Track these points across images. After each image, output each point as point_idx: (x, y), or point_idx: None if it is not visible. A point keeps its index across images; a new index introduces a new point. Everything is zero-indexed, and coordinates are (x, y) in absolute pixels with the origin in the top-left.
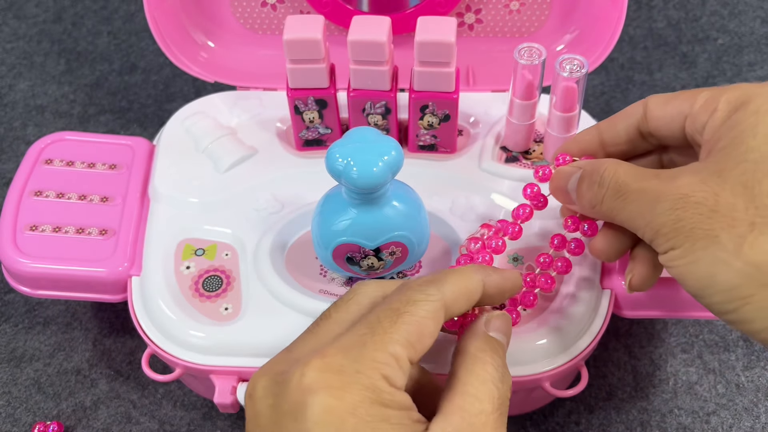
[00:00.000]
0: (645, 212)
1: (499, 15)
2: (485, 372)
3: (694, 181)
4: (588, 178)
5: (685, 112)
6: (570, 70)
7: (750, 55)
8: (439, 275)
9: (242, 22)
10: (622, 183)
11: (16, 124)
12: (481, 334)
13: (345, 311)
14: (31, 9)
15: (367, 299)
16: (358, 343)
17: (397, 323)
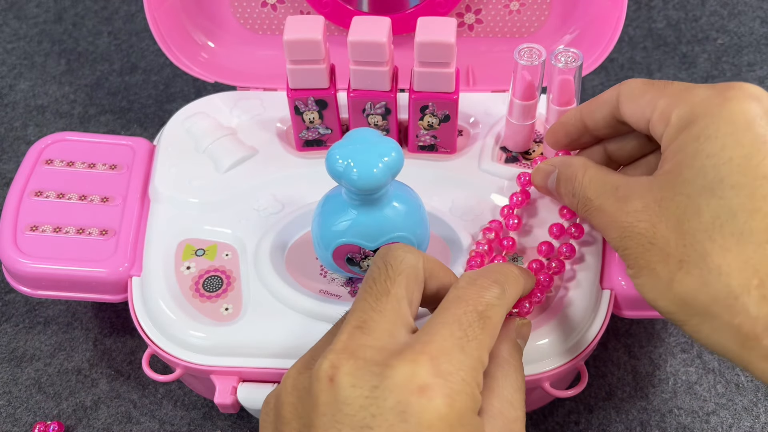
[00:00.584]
0: (604, 232)
1: (499, 15)
2: (518, 380)
3: (639, 207)
4: (563, 185)
5: (647, 115)
6: (565, 61)
7: (749, 55)
8: (497, 274)
9: (242, 22)
10: (587, 197)
11: (16, 124)
12: (512, 339)
13: (399, 286)
14: (32, 9)
15: (414, 271)
16: (457, 347)
17: (485, 329)
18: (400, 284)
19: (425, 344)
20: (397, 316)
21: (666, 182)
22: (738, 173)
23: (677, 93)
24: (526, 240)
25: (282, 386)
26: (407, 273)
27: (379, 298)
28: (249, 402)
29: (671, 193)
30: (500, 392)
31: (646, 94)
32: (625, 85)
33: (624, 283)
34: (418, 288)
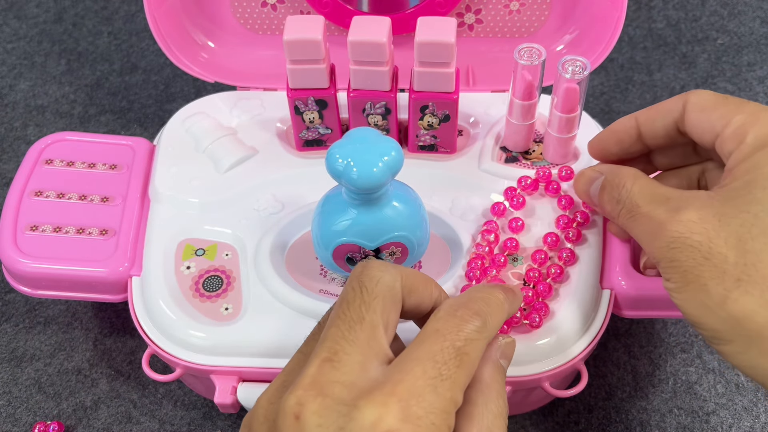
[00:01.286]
0: (648, 240)
1: (499, 15)
2: (499, 406)
3: (695, 219)
4: (608, 191)
5: (717, 130)
6: (572, 71)
7: (749, 55)
8: (480, 304)
9: (242, 22)
10: (634, 203)
11: (16, 124)
12: (495, 360)
13: (374, 311)
14: (32, 9)
15: (390, 293)
16: (429, 387)
17: (461, 367)
18: (375, 309)
19: (396, 384)
20: (371, 347)
21: (730, 198)
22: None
23: (756, 112)
24: (525, 239)
25: (255, 413)
26: (383, 295)
27: (352, 326)
28: (249, 402)
29: (735, 210)
30: (480, 420)
31: (719, 107)
32: (694, 95)
33: (624, 283)
34: (395, 309)
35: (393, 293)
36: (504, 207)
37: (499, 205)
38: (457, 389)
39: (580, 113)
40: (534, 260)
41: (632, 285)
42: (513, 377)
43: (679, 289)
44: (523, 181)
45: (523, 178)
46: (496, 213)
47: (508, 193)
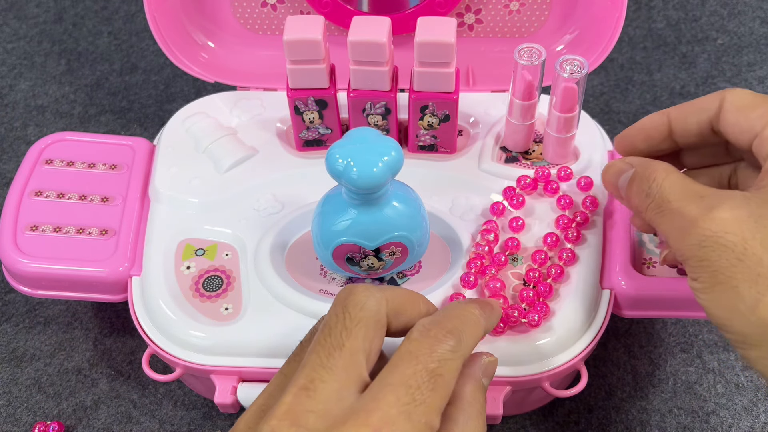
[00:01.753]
0: (676, 237)
1: (499, 15)
2: (479, 425)
3: (729, 218)
4: (638, 183)
5: (756, 130)
6: (570, 71)
7: (749, 55)
8: (454, 322)
9: (242, 22)
10: (664, 198)
11: (16, 124)
12: (477, 379)
13: (356, 338)
14: (32, 9)
15: (373, 319)
16: (403, 414)
17: (436, 390)
18: (357, 336)
19: (369, 413)
20: (348, 374)
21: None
22: None
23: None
24: (524, 239)
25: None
26: (366, 322)
27: (331, 352)
28: (249, 402)
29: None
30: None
31: (758, 107)
32: (731, 94)
33: (624, 283)
34: (379, 335)
35: (377, 318)
36: (503, 207)
37: (499, 204)
38: (433, 413)
39: (578, 113)
40: (534, 260)
41: (632, 285)
42: (513, 377)
43: (706, 289)
44: (522, 180)
45: (522, 178)
46: (495, 213)
47: (507, 193)
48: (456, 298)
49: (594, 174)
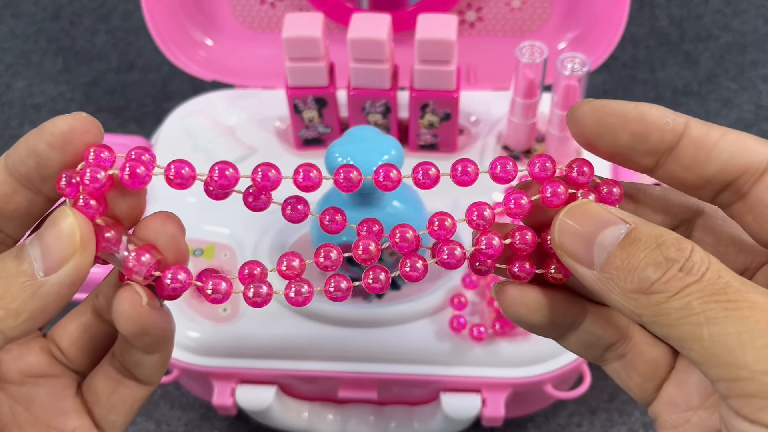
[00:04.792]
0: (748, 353)
1: (501, 13)
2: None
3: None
4: (650, 249)
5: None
6: (571, 68)
7: (753, 53)
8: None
9: (241, 20)
10: (734, 287)
11: (13, 123)
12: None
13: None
14: (29, 7)
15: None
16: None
17: None
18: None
19: None
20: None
21: None
22: None
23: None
24: None
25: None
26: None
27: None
28: (248, 403)
29: None
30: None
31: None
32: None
33: None
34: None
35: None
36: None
37: (500, 204)
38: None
39: None
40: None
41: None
42: (514, 379)
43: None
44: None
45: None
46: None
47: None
48: (458, 299)
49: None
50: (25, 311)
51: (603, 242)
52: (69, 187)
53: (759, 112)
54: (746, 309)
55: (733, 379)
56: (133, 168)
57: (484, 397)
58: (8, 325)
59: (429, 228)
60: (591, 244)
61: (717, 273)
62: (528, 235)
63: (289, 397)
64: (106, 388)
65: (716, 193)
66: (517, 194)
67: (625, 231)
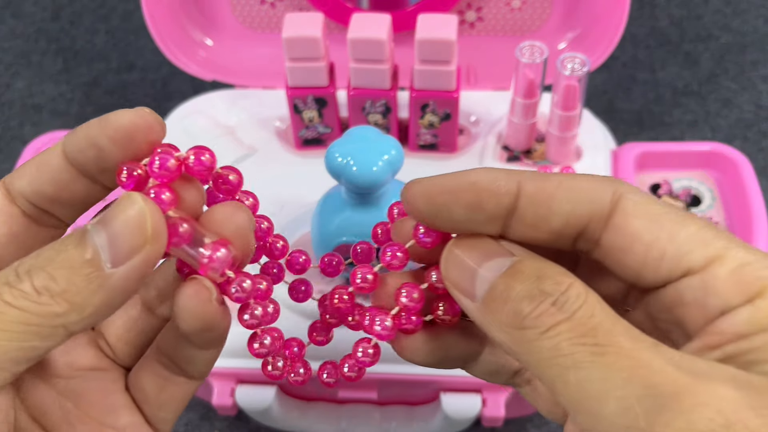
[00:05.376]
0: (632, 408)
1: (501, 13)
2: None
3: (736, 398)
4: (528, 282)
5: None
6: (571, 68)
7: (753, 53)
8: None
9: (241, 20)
10: (602, 327)
11: (12, 123)
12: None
13: None
14: (29, 7)
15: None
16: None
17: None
18: None
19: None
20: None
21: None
22: None
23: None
24: None
25: None
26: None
27: None
28: (248, 404)
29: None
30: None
31: (703, 231)
32: (634, 195)
33: None
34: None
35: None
36: None
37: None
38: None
39: (580, 111)
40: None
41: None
42: None
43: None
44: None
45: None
46: None
47: None
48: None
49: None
50: (89, 305)
51: (486, 274)
52: (129, 180)
53: (759, 112)
54: (612, 355)
55: (594, 430)
56: (199, 155)
57: (485, 398)
58: (71, 320)
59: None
60: (475, 276)
61: (590, 311)
62: (415, 294)
63: (289, 397)
64: (154, 386)
65: (572, 243)
66: (392, 247)
67: (509, 264)
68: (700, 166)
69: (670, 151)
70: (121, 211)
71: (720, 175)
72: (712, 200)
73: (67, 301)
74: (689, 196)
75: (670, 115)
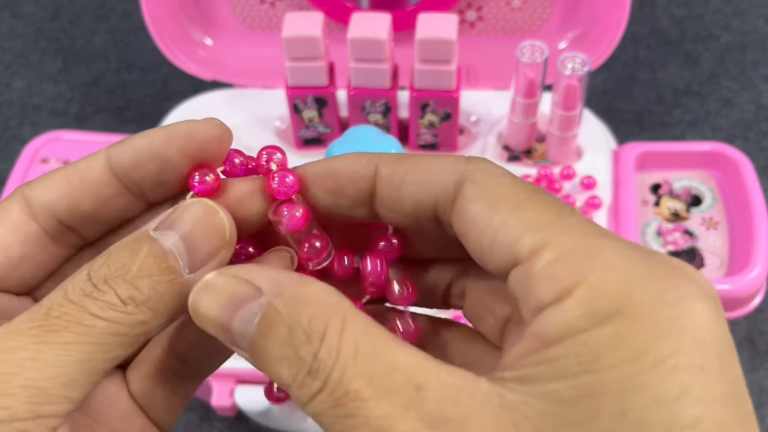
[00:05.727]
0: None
1: (501, 12)
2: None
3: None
4: (282, 340)
5: (520, 253)
6: (572, 68)
7: (754, 53)
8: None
9: (241, 19)
10: (354, 390)
11: (12, 123)
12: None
13: None
14: (29, 7)
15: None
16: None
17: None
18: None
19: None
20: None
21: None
22: None
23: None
24: None
25: None
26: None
27: None
28: (247, 404)
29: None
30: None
31: (524, 209)
32: (480, 174)
33: None
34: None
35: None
36: None
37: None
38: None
39: (580, 111)
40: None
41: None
42: None
43: None
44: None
45: (524, 178)
46: None
47: None
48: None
49: (597, 173)
50: (169, 312)
51: (240, 330)
52: (203, 185)
53: (760, 111)
54: (362, 427)
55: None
56: (283, 177)
57: None
58: (153, 326)
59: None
60: (229, 331)
61: (341, 373)
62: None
63: None
64: (165, 391)
65: (436, 226)
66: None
67: (259, 312)
68: (701, 166)
69: (670, 151)
70: (200, 217)
71: (721, 174)
72: (713, 200)
73: (151, 309)
74: (690, 196)
75: (670, 114)
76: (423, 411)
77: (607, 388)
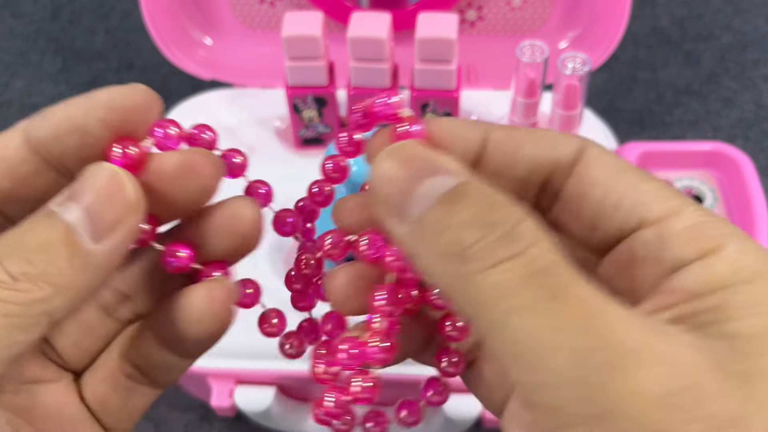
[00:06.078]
0: (584, 362)
1: (501, 12)
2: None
3: (698, 361)
4: (475, 208)
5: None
6: (572, 68)
7: (754, 53)
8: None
9: (240, 19)
10: (558, 271)
11: (12, 123)
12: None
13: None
14: (28, 7)
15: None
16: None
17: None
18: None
19: None
20: None
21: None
22: None
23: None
24: None
25: None
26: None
27: None
28: (247, 405)
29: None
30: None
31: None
32: (596, 151)
33: None
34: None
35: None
36: None
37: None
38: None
39: (581, 111)
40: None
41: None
42: None
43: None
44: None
45: None
46: None
47: None
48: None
49: None
50: (73, 287)
51: (424, 192)
52: (125, 158)
53: (760, 111)
54: (564, 301)
55: (537, 385)
56: (201, 132)
57: None
58: (55, 305)
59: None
60: (409, 194)
61: (544, 250)
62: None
63: (288, 398)
64: (117, 399)
65: (535, 195)
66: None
67: (452, 184)
68: (702, 166)
69: (671, 151)
70: (93, 181)
71: (721, 174)
72: (713, 200)
73: (49, 284)
74: (691, 196)
75: (671, 114)
76: (625, 312)
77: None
